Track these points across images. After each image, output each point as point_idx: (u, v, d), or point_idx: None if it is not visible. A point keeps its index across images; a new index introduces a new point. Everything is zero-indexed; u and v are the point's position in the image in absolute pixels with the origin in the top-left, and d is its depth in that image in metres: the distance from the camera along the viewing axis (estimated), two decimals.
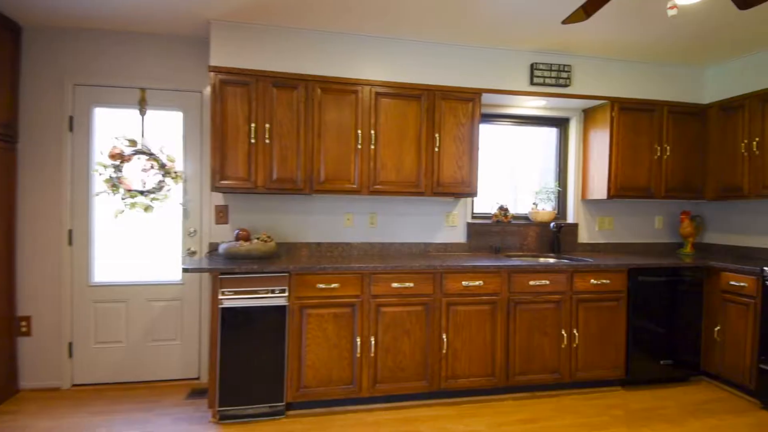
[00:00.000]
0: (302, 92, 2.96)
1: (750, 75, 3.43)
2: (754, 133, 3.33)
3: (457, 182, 3.22)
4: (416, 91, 3.13)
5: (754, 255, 3.62)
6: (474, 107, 3.24)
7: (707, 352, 3.34)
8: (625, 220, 3.99)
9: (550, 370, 3.06)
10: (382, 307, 2.79)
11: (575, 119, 3.87)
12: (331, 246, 3.35)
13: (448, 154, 3.19)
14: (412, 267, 2.81)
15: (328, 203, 3.36)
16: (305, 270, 2.68)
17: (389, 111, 3.08)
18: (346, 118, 3.02)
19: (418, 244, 3.51)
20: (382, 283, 2.78)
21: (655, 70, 3.67)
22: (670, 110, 3.65)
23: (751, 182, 3.35)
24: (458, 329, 2.90)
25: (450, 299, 2.88)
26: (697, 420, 2.79)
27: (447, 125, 3.19)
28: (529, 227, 3.73)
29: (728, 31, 3.01)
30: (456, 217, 3.60)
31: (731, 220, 3.85)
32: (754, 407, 2.96)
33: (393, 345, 2.81)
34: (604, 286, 3.14)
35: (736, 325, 3.12)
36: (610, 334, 3.16)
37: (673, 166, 3.65)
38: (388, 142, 3.08)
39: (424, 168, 3.15)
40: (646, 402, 3.03)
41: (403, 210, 3.50)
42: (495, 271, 2.95)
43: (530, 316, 3.02)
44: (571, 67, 3.46)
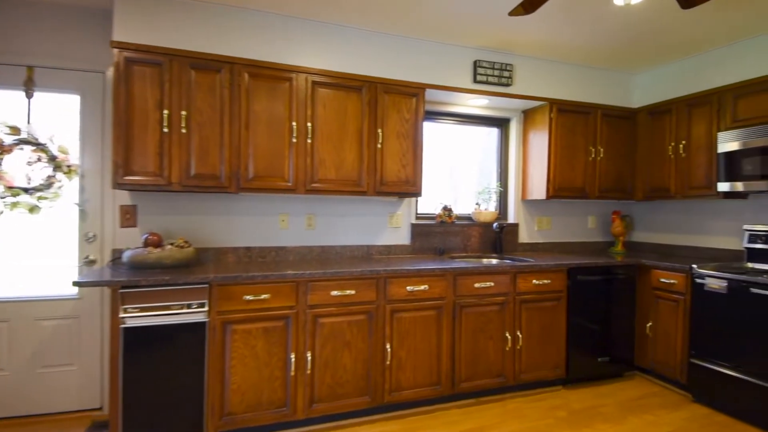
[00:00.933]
0: (227, 76, 2.54)
1: (676, 81, 3.50)
2: (681, 136, 3.40)
3: (402, 181, 2.95)
4: (357, 83, 2.82)
5: (678, 252, 3.72)
6: (418, 103, 2.99)
7: (640, 348, 3.35)
8: (561, 220, 3.96)
9: (495, 374, 2.89)
10: (320, 318, 2.44)
11: (516, 120, 3.77)
12: (262, 251, 2.93)
13: (391, 151, 2.92)
14: (353, 272, 2.49)
15: (259, 203, 2.94)
16: (229, 280, 2.27)
17: (328, 102, 2.75)
18: (279, 109, 2.64)
19: (360, 247, 3.21)
20: (320, 291, 2.44)
21: (590, 74, 3.66)
22: (604, 113, 3.65)
23: (678, 183, 3.42)
24: (403, 338, 2.63)
25: (394, 306, 2.60)
26: (636, 417, 2.74)
27: (390, 121, 2.91)
28: (472, 228, 3.57)
29: (658, 38, 3.03)
30: (400, 218, 3.34)
31: (658, 219, 3.95)
32: (686, 400, 2.98)
33: (332, 359, 2.47)
34: (546, 286, 3.03)
35: (667, 321, 3.15)
36: (552, 334, 3.06)
37: (606, 168, 3.66)
38: (326, 137, 2.74)
39: (366, 166, 2.84)
40: (586, 401, 2.96)
41: (344, 210, 3.17)
42: (441, 274, 2.72)
43: (475, 320, 2.82)
44: (513, 67, 3.33)
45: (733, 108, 3.03)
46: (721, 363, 2.76)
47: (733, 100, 3.03)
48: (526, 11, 2.15)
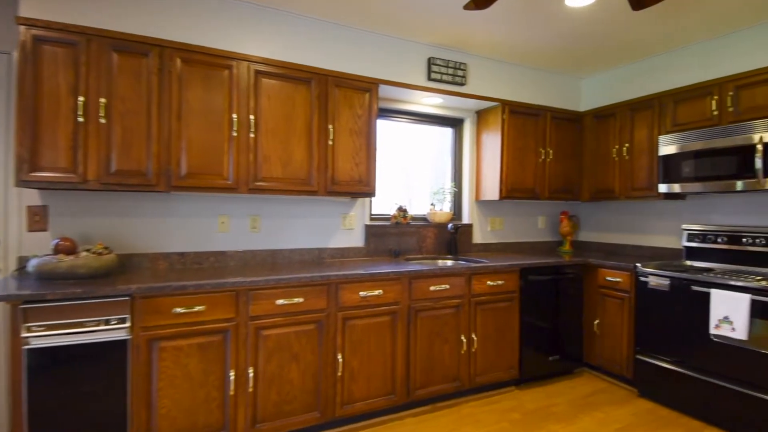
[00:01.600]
0: (155, 61, 2.21)
1: (620, 85, 3.55)
2: (624, 139, 3.45)
3: (354, 180, 2.75)
4: (306, 74, 2.58)
5: (622, 251, 3.79)
6: (371, 99, 2.80)
7: (589, 345, 3.36)
8: (513, 221, 3.93)
9: (450, 378, 2.76)
10: (263, 331, 2.18)
11: (469, 120, 3.68)
12: (199, 256, 2.60)
13: (343, 148, 2.70)
14: (301, 279, 2.25)
15: (194, 203, 2.61)
16: (155, 290, 1.95)
17: (273, 94, 2.49)
18: (217, 99, 2.34)
19: (310, 250, 2.96)
20: (263, 300, 2.18)
21: (541, 77, 3.64)
22: (553, 116, 3.65)
23: (621, 185, 3.47)
24: (356, 347, 2.42)
25: (346, 313, 2.39)
26: (586, 415, 2.71)
27: (342, 117, 2.70)
28: (427, 228, 3.43)
29: (605, 43, 3.03)
30: (353, 219, 3.12)
31: (603, 219, 4.01)
32: (633, 395, 3.00)
33: (278, 374, 2.22)
34: (499, 287, 2.94)
35: (613, 318, 3.17)
36: (505, 335, 2.97)
37: (555, 169, 3.65)
38: (272, 131, 2.48)
39: (316, 163, 2.61)
40: (539, 401, 2.90)
41: (293, 211, 2.91)
42: (395, 277, 2.54)
43: (431, 324, 2.67)
44: (466, 66, 3.23)
45: (673, 113, 3.09)
46: (664, 358, 2.80)
47: (673, 105, 3.09)
48: (478, 7, 2.05)
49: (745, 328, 2.34)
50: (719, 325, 2.47)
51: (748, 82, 2.66)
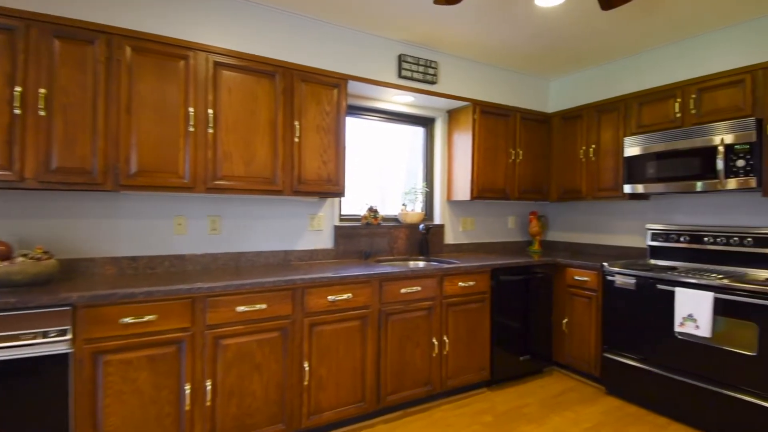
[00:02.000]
0: (102, 50, 2.01)
1: (587, 87, 3.57)
2: (591, 140, 3.47)
3: (323, 180, 2.61)
4: (270, 67, 2.43)
5: (589, 251, 3.82)
6: (340, 95, 2.68)
7: (558, 344, 3.35)
8: (484, 221, 3.90)
9: (422, 382, 2.67)
10: (222, 340, 2.02)
11: (441, 119, 3.62)
12: (152, 261, 2.40)
13: (311, 146, 2.57)
14: (264, 283, 2.11)
15: (147, 203, 2.41)
16: (100, 299, 1.76)
17: (234, 88, 2.33)
18: (171, 92, 2.16)
19: (276, 253, 2.80)
20: (222, 307, 2.02)
21: (511, 78, 3.62)
22: (523, 117, 3.63)
23: (588, 185, 3.49)
24: (323, 354, 2.30)
25: (313, 319, 2.26)
26: (557, 415, 2.68)
27: (309, 113, 2.56)
28: (399, 229, 3.34)
29: (573, 45, 3.03)
30: (322, 220, 2.99)
31: (570, 219, 4.04)
32: (600, 393, 3.01)
33: (239, 386, 2.07)
34: (471, 288, 2.88)
35: (581, 317, 3.17)
36: (477, 337, 2.92)
37: (524, 170, 3.64)
38: (232, 127, 2.32)
39: (281, 161, 2.46)
40: (510, 402, 2.86)
41: (257, 212, 2.74)
42: (365, 280, 2.43)
43: (402, 327, 2.58)
44: (438, 64, 3.16)
45: (638, 114, 3.13)
46: (631, 356, 2.81)
47: (638, 107, 3.13)
48: (449, 2, 1.98)
49: (708, 325, 2.36)
50: (684, 323, 2.49)
51: (709, 85, 2.71)
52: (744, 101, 2.54)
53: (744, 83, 2.53)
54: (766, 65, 2.45)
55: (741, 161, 2.45)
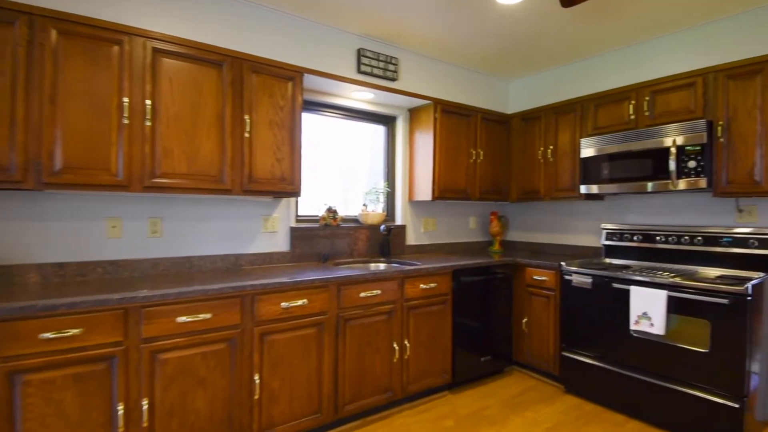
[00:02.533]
0: (23, 32, 1.75)
1: (545, 89, 3.58)
2: (549, 141, 3.48)
3: (276, 178, 2.44)
4: (216, 56, 2.22)
5: (548, 250, 3.85)
6: (295, 89, 2.51)
7: (518, 343, 3.33)
8: (445, 221, 3.83)
9: (382, 389, 2.55)
10: (160, 354, 1.81)
11: (402, 118, 3.52)
12: (83, 267, 2.14)
13: (263, 142, 2.38)
14: (208, 291, 1.91)
15: (76, 204, 2.14)
16: (15, 312, 1.51)
17: (176, 77, 2.11)
18: (104, 80, 1.92)
19: (226, 257, 2.58)
20: (160, 318, 1.81)
21: (472, 78, 3.58)
22: (483, 117, 3.60)
23: (546, 186, 3.50)
24: (276, 364, 2.13)
25: (265, 328, 2.08)
26: (517, 416, 2.64)
27: (261, 107, 2.38)
28: (359, 230, 3.21)
29: (532, 46, 3.01)
30: (276, 221, 2.80)
31: (530, 219, 4.05)
32: (559, 392, 3.01)
33: (180, 404, 1.86)
34: (432, 290, 2.79)
35: (540, 316, 3.17)
36: (438, 340, 2.83)
37: (485, 170, 3.60)
38: (174, 120, 2.10)
39: (230, 158, 2.26)
40: (472, 404, 2.80)
41: (204, 213, 2.52)
42: (322, 285, 2.28)
43: (361, 333, 2.45)
44: (398, 61, 3.06)
45: (594, 116, 3.15)
46: (588, 354, 2.82)
47: (594, 109, 3.15)
48: None
49: (662, 323, 2.39)
50: (639, 321, 2.51)
51: (662, 87, 2.76)
52: (695, 104, 2.59)
53: (695, 86, 2.59)
54: (716, 69, 2.51)
55: (692, 162, 2.50)
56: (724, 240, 2.64)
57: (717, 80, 2.49)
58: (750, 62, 2.37)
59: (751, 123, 2.36)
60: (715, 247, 2.67)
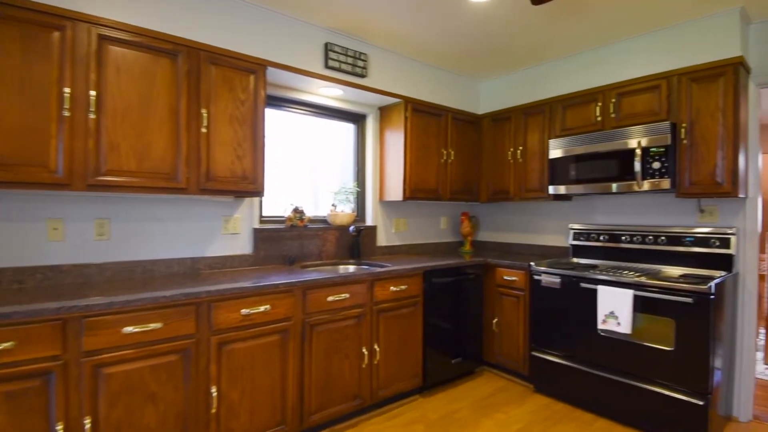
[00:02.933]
0: None
1: (515, 90, 3.57)
2: (518, 142, 3.48)
3: (237, 177, 2.29)
4: (171, 46, 2.06)
5: (517, 250, 3.85)
6: (258, 82, 2.37)
7: (488, 344, 3.31)
8: (417, 221, 3.78)
9: (351, 396, 2.46)
10: (105, 368, 1.65)
11: (372, 116, 3.43)
12: (20, 273, 1.93)
13: (222, 138, 2.23)
14: (159, 298, 1.75)
15: (10, 203, 1.93)
16: None
17: (125, 67, 1.93)
18: (42, 68, 1.73)
19: (182, 261, 2.41)
20: (104, 329, 1.64)
21: (443, 77, 3.53)
22: (454, 117, 3.56)
23: (516, 186, 3.49)
24: (236, 375, 1.99)
25: (223, 337, 1.94)
26: (488, 418, 2.61)
27: (220, 100, 2.23)
28: (327, 231, 3.09)
29: (502, 46, 2.99)
30: (238, 222, 2.65)
31: (500, 219, 4.05)
32: (529, 391, 3.00)
33: (128, 421, 1.69)
34: (403, 292, 2.72)
35: (510, 316, 3.15)
36: (409, 343, 2.76)
37: (456, 170, 3.57)
38: (121, 113, 1.92)
39: (185, 155, 2.10)
40: (443, 408, 2.74)
41: (159, 214, 2.34)
42: (287, 289, 2.16)
43: (329, 339, 2.34)
44: (368, 57, 2.97)
45: (563, 117, 3.17)
46: (557, 353, 2.82)
47: (562, 110, 3.17)
48: None
49: (629, 322, 2.40)
50: (606, 320, 2.52)
51: (628, 90, 2.79)
52: (660, 106, 2.63)
53: (660, 89, 2.63)
54: (680, 72, 2.55)
55: (657, 163, 2.53)
56: (686, 240, 2.70)
57: (681, 83, 2.54)
58: (713, 65, 2.43)
59: (713, 125, 2.41)
60: (678, 247, 2.73)
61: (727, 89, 2.36)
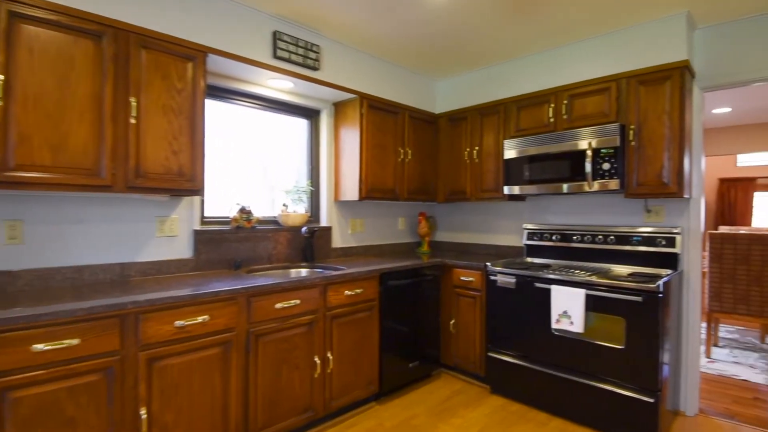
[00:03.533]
0: None
1: (471, 90, 3.58)
2: (474, 142, 3.49)
3: (172, 173, 2.09)
4: (94, 26, 1.84)
5: (474, 250, 3.87)
6: (197, 70, 2.18)
7: (446, 346, 3.29)
8: (374, 222, 3.69)
9: (301, 409, 2.32)
10: (12, 392, 1.41)
11: (326, 112, 3.30)
12: None
13: (155, 130, 2.02)
14: (76, 311, 1.54)
15: None
16: None
17: (40, 48, 1.69)
18: None
19: (109, 267, 2.17)
20: (10, 348, 1.41)
21: (400, 74, 3.47)
22: (411, 115, 3.51)
23: (472, 186, 3.50)
24: (170, 394, 1.80)
25: (153, 352, 1.75)
26: (445, 423, 2.56)
27: (152, 89, 2.02)
28: (278, 233, 2.93)
29: (458, 45, 2.96)
30: (175, 224, 2.43)
31: (457, 219, 4.05)
32: (486, 393, 2.99)
33: None
34: (358, 296, 2.63)
35: (467, 317, 3.14)
36: (365, 349, 2.67)
37: (413, 170, 3.52)
38: (34, 100, 1.69)
39: (109, 148, 1.88)
40: (399, 415, 2.67)
41: (80, 214, 2.09)
42: (229, 297, 2.00)
43: (277, 349, 2.20)
44: (320, 49, 2.84)
45: (517, 118, 3.20)
46: (512, 354, 2.83)
47: (517, 111, 3.20)
48: None
49: (581, 321, 2.44)
50: (560, 320, 2.55)
51: (579, 92, 2.85)
52: (609, 108, 2.70)
53: (609, 91, 2.70)
54: (629, 74, 2.63)
55: (606, 164, 2.60)
56: (634, 239, 2.79)
57: (629, 85, 2.62)
58: (660, 69, 2.52)
59: (660, 127, 2.50)
60: (627, 246, 2.82)
61: (674, 92, 2.46)
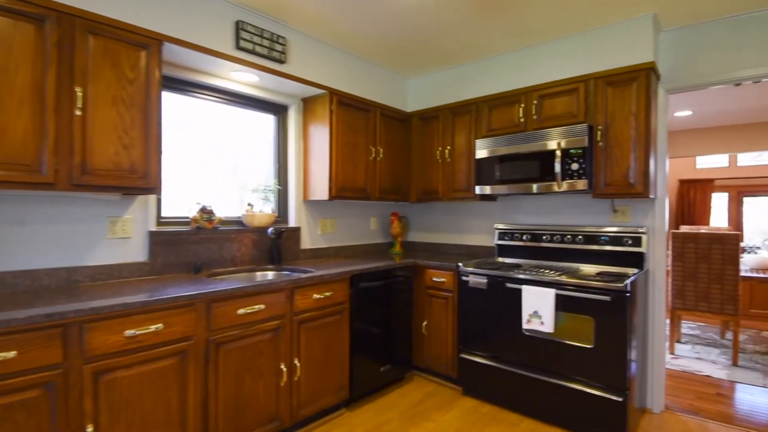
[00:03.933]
0: None
1: (443, 89, 3.55)
2: (446, 142, 3.47)
3: (123, 170, 1.94)
4: (35, 9, 1.67)
5: (447, 250, 3.85)
6: (150, 59, 2.04)
7: (418, 347, 3.25)
8: (345, 222, 3.61)
9: (267, 419, 2.22)
10: None
11: (294, 108, 3.20)
12: None
13: (103, 123, 1.87)
14: (10, 322, 1.38)
15: None
16: None
17: None
18: None
19: (54, 272, 2.00)
20: None
21: (371, 71, 3.40)
22: (383, 113, 3.46)
23: (444, 186, 3.48)
24: (119, 409, 1.66)
25: (100, 365, 1.61)
26: (417, 428, 2.52)
27: (101, 78, 1.87)
28: (243, 234, 2.81)
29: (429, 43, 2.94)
30: (128, 225, 2.27)
31: (429, 219, 4.02)
32: (458, 394, 2.97)
33: None
34: (328, 299, 2.55)
35: (439, 318, 3.12)
36: (334, 354, 2.59)
37: (385, 169, 3.47)
38: None
39: (52, 142, 1.72)
40: (371, 421, 2.61)
41: (21, 214, 1.92)
42: (186, 303, 1.87)
43: (239, 357, 2.09)
44: (287, 41, 2.74)
45: (488, 118, 3.20)
46: (483, 354, 2.82)
47: (488, 111, 3.20)
48: None
49: (551, 321, 2.45)
50: (530, 320, 2.56)
51: (549, 92, 2.87)
52: (578, 108, 2.74)
53: (578, 92, 2.73)
54: (596, 75, 2.67)
55: (575, 165, 2.63)
56: (602, 238, 2.84)
57: (597, 86, 2.66)
58: (627, 70, 2.56)
59: (626, 128, 2.55)
60: (595, 245, 2.87)
61: (640, 94, 2.51)
